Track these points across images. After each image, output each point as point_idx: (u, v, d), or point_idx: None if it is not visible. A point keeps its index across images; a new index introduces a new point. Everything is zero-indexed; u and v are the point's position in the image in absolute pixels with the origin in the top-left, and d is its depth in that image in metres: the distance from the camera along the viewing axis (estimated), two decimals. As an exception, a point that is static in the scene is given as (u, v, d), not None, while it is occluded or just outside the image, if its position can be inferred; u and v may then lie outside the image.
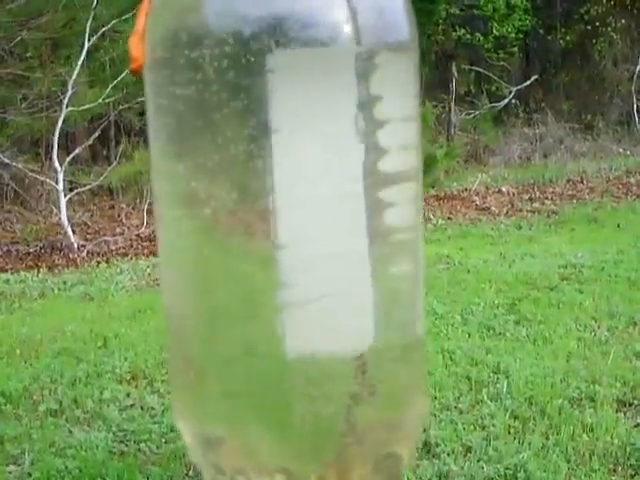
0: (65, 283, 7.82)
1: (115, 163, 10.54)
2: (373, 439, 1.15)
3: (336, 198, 1.14)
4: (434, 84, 15.72)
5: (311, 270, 1.14)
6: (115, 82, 9.73)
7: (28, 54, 10.32)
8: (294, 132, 1.12)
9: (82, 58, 9.41)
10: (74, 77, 9.42)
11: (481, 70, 16.93)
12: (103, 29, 9.66)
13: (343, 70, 1.11)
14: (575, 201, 12.23)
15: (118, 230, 10.16)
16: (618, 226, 10.27)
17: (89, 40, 9.43)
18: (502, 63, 17.23)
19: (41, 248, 9.39)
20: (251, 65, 1.08)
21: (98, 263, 8.78)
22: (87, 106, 9.77)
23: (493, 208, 11.63)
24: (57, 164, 9.52)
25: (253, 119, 1.08)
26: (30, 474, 4.02)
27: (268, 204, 1.11)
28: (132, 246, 9.54)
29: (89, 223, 10.53)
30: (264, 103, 1.08)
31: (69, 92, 9.46)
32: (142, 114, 11.60)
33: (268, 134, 1.10)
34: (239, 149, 1.09)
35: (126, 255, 9.16)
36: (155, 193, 1.19)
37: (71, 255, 9.15)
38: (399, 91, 1.19)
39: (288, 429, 1.13)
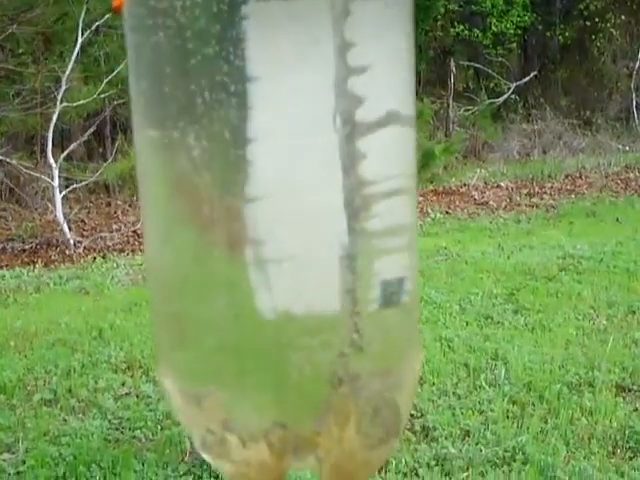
0: (61, 278, 7.77)
1: (111, 159, 10.48)
2: (370, 389, 1.10)
3: (311, 149, 1.09)
4: (432, 80, 15.70)
5: (287, 225, 1.08)
6: (110, 77, 9.68)
7: (20, 50, 10.26)
8: (271, 80, 1.07)
9: (75, 53, 9.35)
10: (68, 72, 9.36)
11: (480, 66, 16.90)
12: (96, 24, 9.59)
13: (320, 16, 1.07)
14: (574, 196, 12.19)
15: (115, 227, 10.11)
16: (617, 220, 10.24)
17: (82, 35, 9.37)
18: (501, 59, 17.19)
19: (37, 245, 9.34)
20: (231, 11, 1.05)
21: (94, 259, 8.73)
22: (82, 102, 9.70)
23: (492, 203, 11.59)
24: (52, 160, 9.46)
25: (229, 66, 1.04)
26: (24, 462, 4.00)
27: (243, 155, 1.06)
28: (129, 242, 9.48)
29: (85, 220, 10.48)
30: (242, 50, 1.04)
31: (63, 87, 9.40)
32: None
33: (245, 82, 1.05)
34: (214, 98, 1.05)
35: (122, 251, 9.11)
36: (135, 142, 1.14)
37: (67, 251, 9.09)
38: (384, 36, 1.14)
39: (283, 381, 1.08)
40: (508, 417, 4.29)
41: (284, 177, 1.18)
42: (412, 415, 4.19)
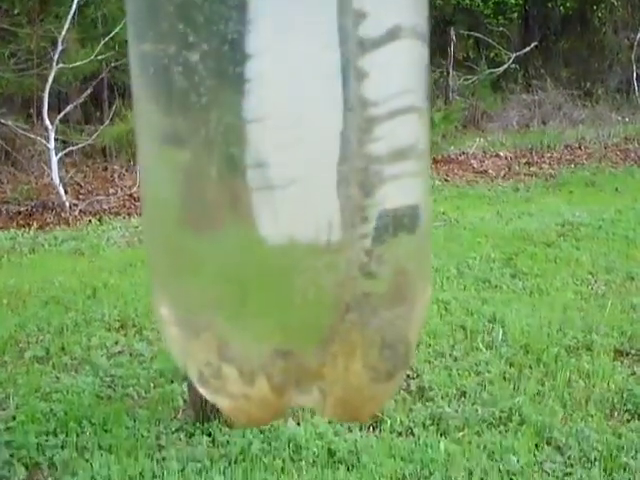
0: (56, 239, 7.71)
1: (107, 121, 10.36)
2: (379, 318, 1.03)
3: (313, 66, 1.01)
4: (432, 49, 15.53)
5: (290, 147, 1.01)
6: (107, 39, 9.56)
7: (15, 10, 10.10)
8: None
9: (72, 13, 9.22)
10: (64, 33, 9.24)
11: (480, 36, 16.76)
12: (94, -17, 9.47)
13: None
14: (573, 166, 12.12)
15: (111, 190, 10.02)
16: (616, 189, 10.18)
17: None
18: (501, 29, 17.05)
19: (32, 207, 9.26)
20: None
21: (90, 221, 8.66)
22: (78, 63, 9.58)
23: (490, 171, 11.51)
24: (48, 122, 9.36)
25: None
26: (14, 417, 3.95)
27: (241, 72, 0.98)
28: (125, 206, 9.41)
29: (82, 184, 10.39)
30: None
31: (59, 49, 9.28)
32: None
33: None
34: (212, 9, 0.97)
35: (118, 214, 9.04)
36: (130, 60, 1.07)
37: (63, 214, 9.02)
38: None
39: (286, 304, 1.01)
40: (505, 379, 4.25)
41: (285, 96, 1.11)
42: (408, 376, 4.14)
